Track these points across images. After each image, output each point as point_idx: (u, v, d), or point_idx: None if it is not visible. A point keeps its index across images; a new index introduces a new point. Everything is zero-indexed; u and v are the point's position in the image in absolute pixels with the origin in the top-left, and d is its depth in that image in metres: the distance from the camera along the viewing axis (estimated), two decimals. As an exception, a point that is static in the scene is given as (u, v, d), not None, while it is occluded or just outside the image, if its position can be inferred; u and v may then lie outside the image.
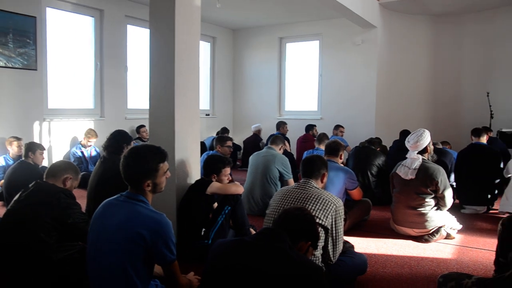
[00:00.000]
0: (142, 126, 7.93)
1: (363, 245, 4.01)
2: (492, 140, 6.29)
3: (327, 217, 2.73)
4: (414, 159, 4.15)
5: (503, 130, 7.65)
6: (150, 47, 3.86)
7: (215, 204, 3.69)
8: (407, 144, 4.25)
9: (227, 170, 3.82)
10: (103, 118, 7.75)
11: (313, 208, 2.73)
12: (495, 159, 5.10)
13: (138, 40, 8.42)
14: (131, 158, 2.29)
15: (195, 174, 3.99)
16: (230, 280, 1.81)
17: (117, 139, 4.12)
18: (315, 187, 2.91)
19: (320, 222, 2.70)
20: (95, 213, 2.34)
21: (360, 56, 9.00)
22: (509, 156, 5.93)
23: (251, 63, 10.74)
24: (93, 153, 7.12)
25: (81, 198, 3.89)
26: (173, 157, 3.71)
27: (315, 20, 9.60)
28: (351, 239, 3.99)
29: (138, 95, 8.38)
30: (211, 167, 3.80)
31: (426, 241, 4.11)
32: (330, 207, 2.75)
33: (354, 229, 4.42)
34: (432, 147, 4.35)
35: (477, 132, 5.32)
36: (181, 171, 3.84)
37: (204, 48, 10.34)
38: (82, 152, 7.02)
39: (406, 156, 4.26)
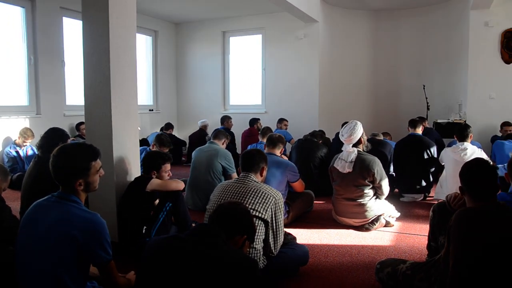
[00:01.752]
0: (82, 123, 7.61)
1: (306, 236, 4.06)
2: (428, 131, 6.54)
3: (266, 210, 2.73)
4: (350, 152, 4.23)
5: (439, 121, 8.00)
6: (83, 41, 3.70)
7: (157, 201, 3.61)
8: (342, 138, 4.33)
9: (167, 166, 3.74)
10: (39, 116, 7.36)
11: (252, 201, 2.72)
12: (430, 149, 5.31)
13: (75, 33, 8.06)
14: (60, 157, 2.18)
15: (134, 171, 3.88)
16: (163, 278, 1.77)
17: (52, 137, 3.93)
18: (255, 181, 2.91)
19: (260, 215, 2.70)
20: (24, 215, 2.21)
21: (303, 50, 9.11)
22: (444, 145, 6.20)
23: (195, 57, 10.60)
24: (30, 152, 6.75)
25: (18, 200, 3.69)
26: (111, 154, 3.60)
27: (257, 14, 9.62)
28: (294, 231, 4.03)
29: (77, 91, 8.03)
30: (150, 163, 3.71)
31: (367, 229, 4.22)
32: (270, 200, 2.76)
33: (297, 221, 4.47)
34: (365, 137, 4.45)
35: (413, 123, 5.52)
36: (120, 169, 3.72)
37: (146, 42, 10.11)
38: (17, 152, 6.65)
39: (342, 149, 4.35)
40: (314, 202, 4.94)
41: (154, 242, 1.93)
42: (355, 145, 4.26)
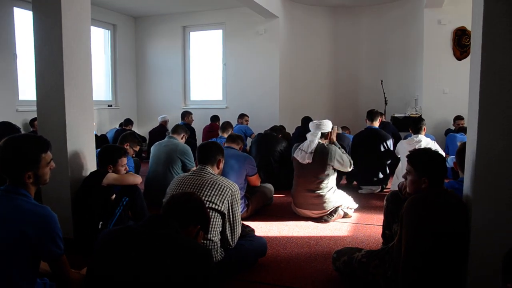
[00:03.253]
0: (36, 118, 7.36)
1: (265, 228, 4.08)
2: (385, 124, 6.70)
3: (223, 202, 2.72)
4: (311, 142, 4.29)
5: (396, 115, 8.19)
6: (34, 32, 3.59)
7: (113, 196, 3.53)
8: (311, 127, 4.42)
9: (124, 160, 3.67)
10: (-11, 111, 7.08)
11: (208, 193, 2.71)
12: (387, 142, 5.43)
13: (28, 25, 7.76)
14: (7, 149, 2.08)
15: (90, 166, 3.79)
16: (114, 269, 1.73)
17: (1, 131, 3.78)
18: (211, 173, 2.89)
19: (216, 207, 2.69)
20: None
21: (263, 45, 9.12)
22: (400, 138, 6.36)
23: (155, 52, 10.44)
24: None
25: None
26: (65, 148, 3.51)
27: (218, 9, 9.56)
28: (254, 224, 4.05)
29: (31, 85, 7.74)
30: (107, 157, 3.63)
31: (325, 221, 4.28)
32: (226, 192, 2.75)
33: (257, 214, 4.49)
34: (334, 137, 4.53)
35: (371, 116, 5.63)
36: (75, 163, 3.62)
37: (104, 35, 9.87)
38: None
39: (307, 136, 4.40)
40: (274, 195, 4.97)
41: (105, 233, 1.89)
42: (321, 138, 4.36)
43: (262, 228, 4.06)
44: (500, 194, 2.21)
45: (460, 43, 8.06)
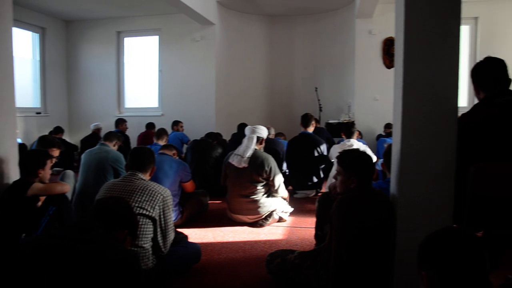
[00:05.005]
0: None
1: (200, 235, 4.03)
2: (319, 130, 6.86)
3: (154, 207, 2.66)
4: (247, 148, 4.31)
5: (330, 121, 8.44)
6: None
7: (39, 204, 3.34)
8: (246, 132, 4.47)
9: (50, 163, 3.47)
10: None
11: (139, 199, 2.64)
12: (320, 146, 5.56)
13: None
14: None
15: (13, 174, 3.58)
16: (40, 278, 1.63)
17: None
18: (142, 179, 2.82)
19: (147, 213, 2.63)
20: None
21: (200, 52, 9.09)
22: (334, 143, 6.53)
23: (88, 57, 10.10)
24: None
25: None
26: (-17, 155, 3.30)
27: (154, 14, 9.43)
28: (189, 231, 4.00)
29: None
30: (34, 163, 3.41)
31: (261, 225, 4.31)
32: (157, 198, 2.69)
33: (192, 221, 4.44)
34: (263, 144, 4.59)
35: (304, 122, 5.73)
36: (-4, 171, 3.42)
37: (33, 39, 9.42)
38: None
39: (243, 140, 4.41)
40: (209, 201, 4.93)
41: (28, 242, 1.78)
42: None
43: (197, 235, 4.02)
44: (421, 191, 2.36)
45: (389, 52, 8.45)
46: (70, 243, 1.66)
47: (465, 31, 8.53)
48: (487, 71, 2.70)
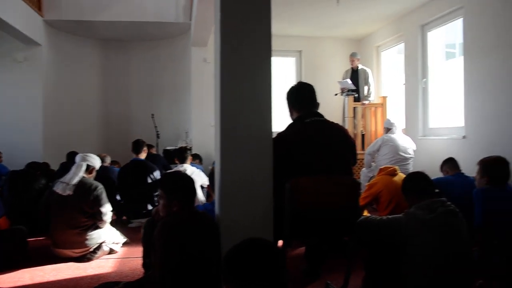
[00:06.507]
0: None
1: (14, 278, 3.57)
2: (155, 157, 6.77)
3: None
4: (75, 175, 4.07)
5: (168, 147, 8.39)
6: None
7: None
8: (77, 159, 4.28)
9: None
10: None
11: None
12: (154, 173, 5.45)
13: None
14: None
15: None
16: None
17: None
18: None
19: None
20: None
21: (24, 75, 8.20)
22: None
23: None
24: None
25: None
26: None
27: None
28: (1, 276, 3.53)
29: None
30: None
31: (89, 259, 4.04)
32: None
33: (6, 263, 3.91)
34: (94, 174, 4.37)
35: (136, 149, 5.58)
36: None
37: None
38: None
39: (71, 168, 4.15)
40: (30, 239, 4.41)
41: None
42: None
43: (9, 278, 3.55)
44: (241, 210, 2.48)
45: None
46: None
47: (291, 62, 9.42)
48: (298, 94, 3.12)
